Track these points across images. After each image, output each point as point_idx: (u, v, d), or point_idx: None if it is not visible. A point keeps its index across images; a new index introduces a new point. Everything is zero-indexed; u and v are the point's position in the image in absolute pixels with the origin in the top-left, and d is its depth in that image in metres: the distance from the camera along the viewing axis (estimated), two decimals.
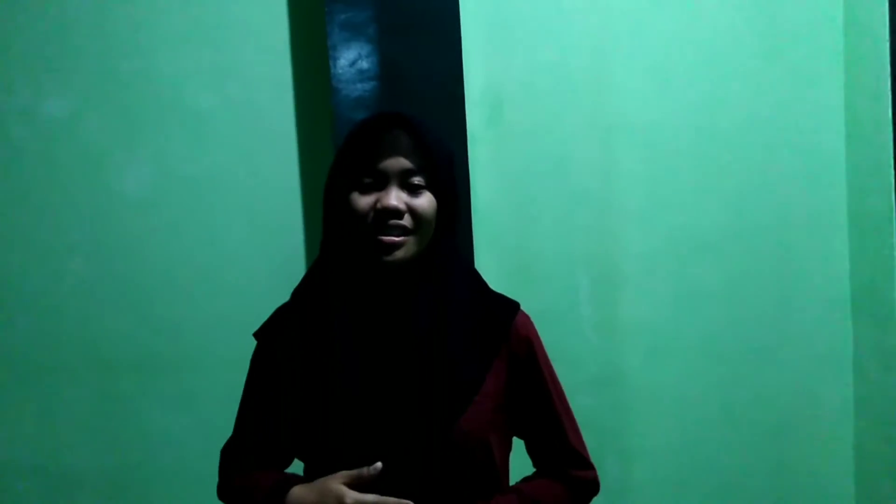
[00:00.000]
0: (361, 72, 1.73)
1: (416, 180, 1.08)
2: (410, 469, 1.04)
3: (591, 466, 1.21)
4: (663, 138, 1.93)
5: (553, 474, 1.19)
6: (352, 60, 1.73)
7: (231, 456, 1.17)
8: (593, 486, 1.21)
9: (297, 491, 1.04)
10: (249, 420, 1.16)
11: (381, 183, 1.08)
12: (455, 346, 1.09)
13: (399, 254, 1.06)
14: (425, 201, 1.08)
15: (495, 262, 1.86)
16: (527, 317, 1.20)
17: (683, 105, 1.93)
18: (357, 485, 1.01)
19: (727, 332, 1.96)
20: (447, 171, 1.12)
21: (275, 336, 1.16)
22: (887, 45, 1.84)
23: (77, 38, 1.80)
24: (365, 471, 1.01)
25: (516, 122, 1.89)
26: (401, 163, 1.07)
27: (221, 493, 1.17)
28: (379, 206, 1.06)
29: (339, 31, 1.72)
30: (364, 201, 1.07)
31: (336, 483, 1.01)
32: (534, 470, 1.23)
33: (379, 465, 1.02)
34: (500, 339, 1.14)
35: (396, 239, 1.06)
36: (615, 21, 1.90)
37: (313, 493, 1.03)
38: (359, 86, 1.73)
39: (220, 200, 1.84)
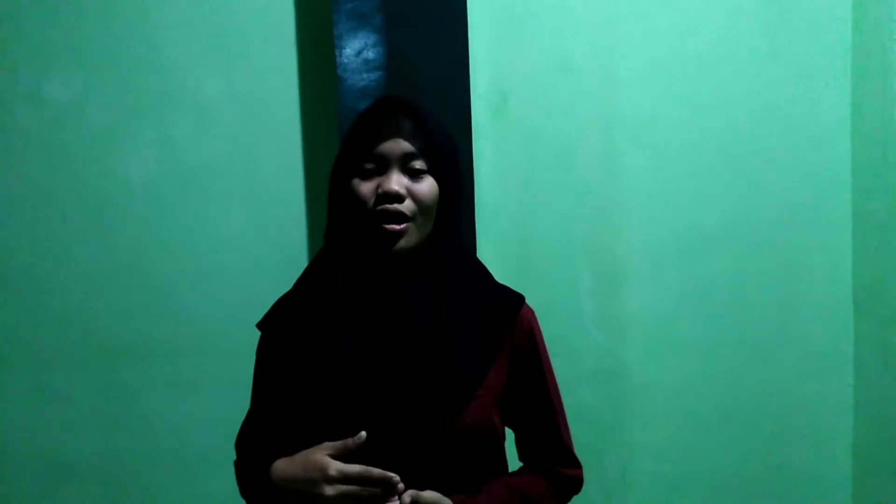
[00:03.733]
0: (367, 62, 1.72)
1: (417, 164, 1.07)
2: (413, 461, 1.04)
3: (578, 465, 1.21)
4: (667, 134, 1.92)
5: (540, 470, 1.19)
6: (357, 50, 1.72)
7: (247, 447, 1.16)
8: (578, 485, 1.21)
9: (280, 464, 1.04)
10: (262, 410, 1.16)
11: (381, 168, 1.07)
12: (458, 339, 1.08)
13: (402, 243, 1.06)
14: (426, 186, 1.08)
15: (497, 255, 1.85)
16: (531, 310, 1.19)
17: (688, 101, 1.92)
18: (342, 456, 1.00)
19: (728, 329, 1.96)
20: (449, 156, 1.11)
21: (278, 327, 1.15)
22: (895, 43, 1.83)
23: (83, 23, 1.79)
24: (350, 441, 1.00)
25: (521, 115, 1.88)
26: (401, 146, 1.06)
27: (241, 482, 1.16)
28: (380, 190, 1.05)
29: (346, 20, 1.71)
30: (366, 187, 1.07)
31: (320, 454, 1.01)
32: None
33: (363, 434, 1.00)
34: (504, 333, 1.14)
35: (398, 227, 1.05)
36: (621, 16, 1.89)
37: (296, 465, 1.02)
38: (364, 76, 1.72)
39: (223, 188, 1.83)
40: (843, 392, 2.00)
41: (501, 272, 1.36)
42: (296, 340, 1.12)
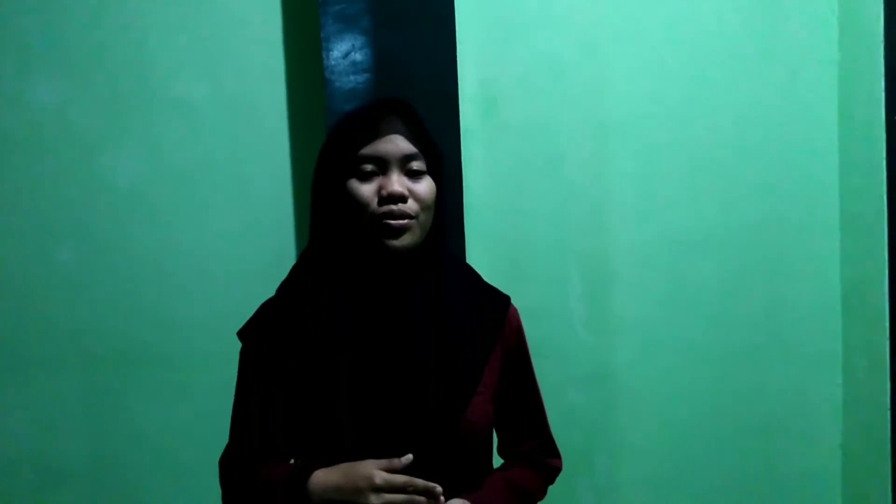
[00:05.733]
0: (354, 64, 1.72)
1: (416, 165, 1.08)
2: (420, 459, 1.03)
3: (559, 455, 1.27)
4: (656, 136, 1.92)
5: (529, 463, 1.23)
6: (345, 52, 1.71)
7: (233, 461, 1.13)
8: (559, 472, 1.27)
9: (321, 474, 1.02)
10: (247, 422, 1.13)
11: (381, 169, 1.07)
12: (457, 338, 1.10)
13: (406, 237, 1.06)
14: (426, 186, 1.09)
15: (487, 258, 1.85)
16: (516, 309, 1.23)
17: (677, 103, 1.93)
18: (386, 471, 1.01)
19: (718, 331, 1.97)
20: (442, 157, 1.13)
21: (263, 334, 1.13)
22: (881, 45, 1.84)
23: (68, 26, 1.78)
24: (396, 461, 1.00)
25: (510, 118, 1.88)
26: (401, 148, 1.07)
27: (229, 499, 1.13)
28: (383, 192, 1.05)
29: (333, 22, 1.71)
30: (366, 188, 1.06)
31: (366, 466, 1.00)
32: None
33: (410, 456, 1.01)
34: (497, 332, 1.17)
35: (403, 222, 1.05)
36: (610, 17, 1.90)
37: (338, 474, 1.01)
38: (352, 78, 1.72)
39: (210, 192, 1.82)
40: (832, 392, 2.01)
41: (491, 274, 1.36)
42: (289, 345, 1.10)
